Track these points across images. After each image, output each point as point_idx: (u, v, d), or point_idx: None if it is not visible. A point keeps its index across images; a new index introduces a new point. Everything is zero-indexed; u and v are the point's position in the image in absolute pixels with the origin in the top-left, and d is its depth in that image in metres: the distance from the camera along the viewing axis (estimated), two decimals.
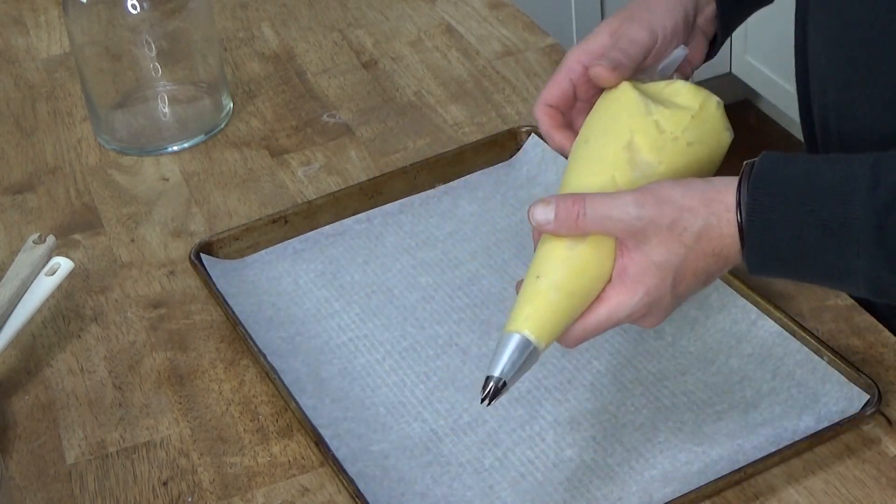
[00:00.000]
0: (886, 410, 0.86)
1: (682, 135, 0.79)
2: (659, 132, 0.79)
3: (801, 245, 0.73)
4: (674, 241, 0.74)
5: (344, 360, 0.94)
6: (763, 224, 0.73)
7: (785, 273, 0.76)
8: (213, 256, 1.03)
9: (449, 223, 1.07)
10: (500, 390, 0.75)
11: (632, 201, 0.74)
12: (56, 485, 0.87)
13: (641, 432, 0.86)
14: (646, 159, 0.78)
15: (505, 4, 1.39)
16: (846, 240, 0.72)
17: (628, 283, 0.75)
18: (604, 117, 0.82)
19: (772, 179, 0.74)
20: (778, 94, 2.53)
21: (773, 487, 0.82)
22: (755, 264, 0.75)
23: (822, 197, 0.72)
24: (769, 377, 0.88)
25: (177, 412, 0.92)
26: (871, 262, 0.72)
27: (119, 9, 1.17)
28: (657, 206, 0.74)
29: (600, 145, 0.80)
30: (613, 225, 0.75)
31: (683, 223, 0.74)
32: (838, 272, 0.73)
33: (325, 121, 1.23)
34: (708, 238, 0.74)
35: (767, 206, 0.73)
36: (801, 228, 0.72)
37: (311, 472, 0.86)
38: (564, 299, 0.75)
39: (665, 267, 0.75)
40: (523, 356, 0.75)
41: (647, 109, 0.80)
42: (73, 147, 1.23)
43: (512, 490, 0.83)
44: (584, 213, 0.75)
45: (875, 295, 0.75)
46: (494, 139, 1.13)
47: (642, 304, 0.75)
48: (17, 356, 0.98)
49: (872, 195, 0.71)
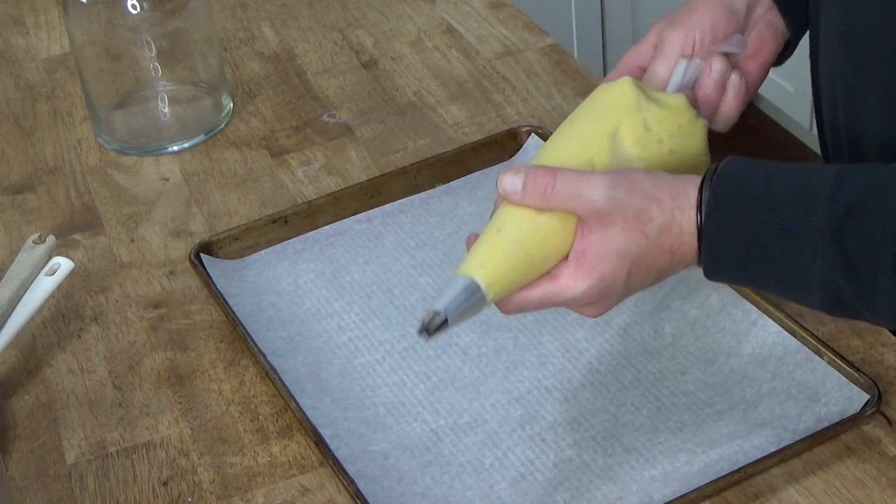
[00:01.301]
0: (886, 410, 0.86)
1: (667, 140, 0.79)
2: (646, 130, 0.79)
3: (758, 245, 0.72)
4: (637, 230, 0.73)
5: (344, 360, 0.94)
6: (722, 220, 0.73)
7: (739, 275, 0.75)
8: (213, 256, 1.03)
9: (449, 223, 1.07)
10: (440, 326, 0.72)
11: (603, 182, 0.73)
12: (56, 485, 0.87)
13: (641, 432, 0.86)
14: (628, 151, 0.78)
15: (505, 4, 1.39)
16: (804, 242, 0.71)
17: (584, 266, 0.74)
18: (596, 104, 0.82)
19: (734, 179, 0.74)
20: (778, 94, 2.53)
21: (773, 487, 0.82)
22: (710, 263, 0.74)
23: (784, 198, 0.72)
24: (769, 377, 0.88)
25: (177, 412, 0.92)
26: (826, 267, 0.71)
27: (119, 9, 1.17)
28: (629, 191, 0.73)
29: (586, 127, 0.80)
30: (581, 203, 0.73)
31: (650, 214, 0.73)
32: (794, 276, 0.73)
33: (325, 121, 1.23)
34: (668, 233, 0.74)
35: (728, 203, 0.73)
36: (760, 227, 0.72)
37: (311, 472, 0.86)
38: (522, 258, 0.74)
39: (624, 255, 0.74)
40: (470, 300, 0.73)
41: (639, 105, 0.80)
42: (73, 147, 1.23)
43: (512, 490, 0.83)
44: (553, 186, 0.73)
45: (828, 304, 0.74)
46: (494, 139, 1.13)
47: (594, 290, 0.74)
48: (17, 356, 0.98)
49: (834, 199, 0.71)
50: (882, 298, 0.71)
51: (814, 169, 0.74)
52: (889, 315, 0.74)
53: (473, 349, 0.94)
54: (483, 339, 0.95)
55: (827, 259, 0.71)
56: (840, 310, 0.74)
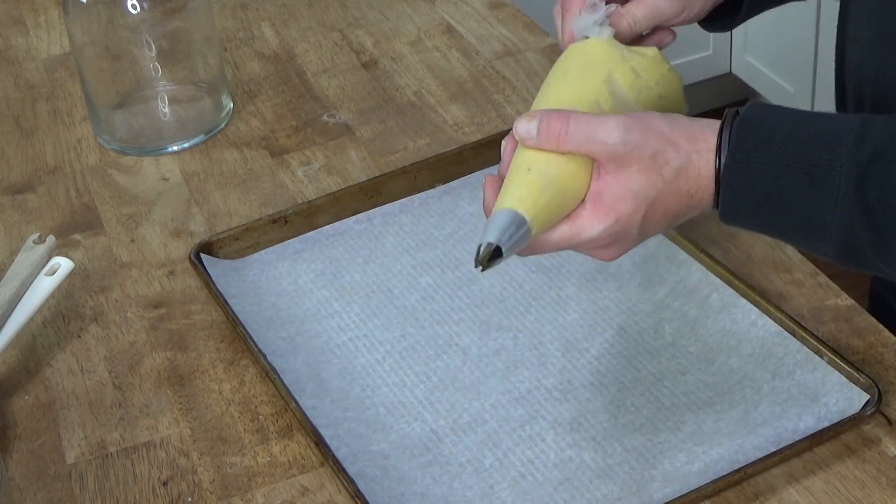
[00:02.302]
0: (886, 410, 0.86)
1: (655, 85, 0.79)
2: (636, 76, 0.79)
3: (779, 188, 0.72)
4: (654, 172, 0.73)
5: (344, 360, 0.94)
6: (744, 163, 0.72)
7: (757, 220, 0.75)
8: (213, 256, 1.03)
9: (449, 223, 1.07)
10: (494, 257, 0.71)
11: (618, 125, 0.73)
12: (56, 485, 0.87)
13: (641, 432, 0.86)
14: (625, 94, 0.78)
15: (505, 4, 1.39)
16: (826, 188, 0.71)
17: (602, 207, 0.73)
18: (579, 59, 0.81)
19: (758, 122, 0.73)
20: (778, 94, 2.53)
21: (773, 487, 0.82)
22: (728, 206, 0.74)
23: (809, 143, 0.72)
24: (769, 377, 0.88)
25: (177, 412, 0.92)
26: (846, 215, 0.70)
27: (119, 9, 1.17)
28: (644, 133, 0.73)
29: (579, 78, 0.80)
30: (596, 146, 0.73)
31: (666, 156, 0.73)
32: (812, 222, 0.72)
33: (325, 121, 1.23)
34: (686, 176, 0.73)
35: (751, 146, 0.72)
36: (783, 171, 0.71)
37: (311, 472, 0.86)
38: (557, 193, 0.74)
39: (640, 197, 0.73)
40: (519, 232, 0.72)
41: (623, 56, 0.80)
42: (73, 147, 1.23)
43: (512, 490, 0.83)
44: (567, 130, 0.73)
45: (843, 253, 0.73)
46: (494, 139, 1.13)
47: (610, 232, 0.74)
48: (17, 356, 0.98)
49: (859, 147, 0.70)
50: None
51: (838, 117, 0.73)
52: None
53: (473, 349, 0.94)
54: (483, 339, 0.95)
55: (848, 206, 0.70)
56: (854, 260, 0.74)
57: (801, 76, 2.41)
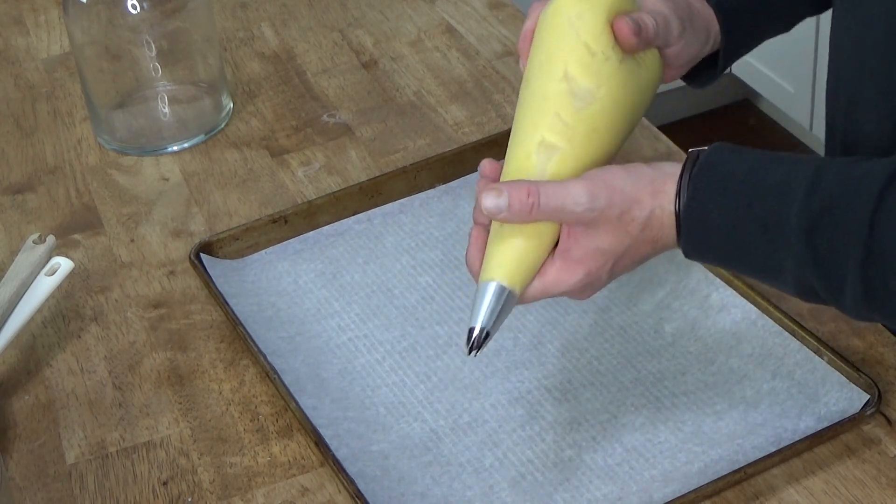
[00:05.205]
0: (886, 410, 0.86)
1: (612, 52, 0.79)
2: (591, 55, 0.79)
3: (735, 237, 0.75)
4: (621, 230, 0.76)
5: (344, 360, 0.94)
6: (701, 212, 0.75)
7: (717, 261, 0.78)
8: (213, 256, 1.03)
9: (449, 223, 1.07)
10: (483, 340, 0.75)
11: (584, 192, 0.75)
12: (56, 485, 0.87)
13: (641, 432, 0.86)
14: (584, 87, 0.78)
15: (505, 4, 1.39)
16: (779, 239, 0.73)
17: (570, 264, 0.76)
18: (540, 50, 0.82)
19: (715, 171, 0.75)
20: (778, 94, 2.53)
21: (773, 487, 0.82)
22: (689, 248, 0.77)
23: (763, 194, 0.74)
24: (769, 377, 0.89)
25: (177, 412, 0.92)
26: (799, 264, 0.73)
27: (119, 9, 1.17)
28: (609, 197, 0.75)
29: (540, 83, 0.80)
30: (566, 216, 0.75)
31: (632, 214, 0.76)
32: (769, 269, 0.75)
33: (325, 121, 1.23)
34: (650, 227, 0.76)
35: (707, 196, 0.75)
36: (738, 221, 0.74)
37: (311, 472, 0.86)
38: (533, 253, 0.76)
39: (608, 253, 0.76)
40: (500, 302, 0.75)
41: (576, 32, 0.80)
42: (73, 147, 1.23)
43: (512, 490, 0.83)
44: (538, 204, 0.75)
45: (802, 295, 0.76)
46: (494, 139, 1.13)
47: (581, 284, 0.77)
48: (17, 356, 0.98)
49: (809, 198, 0.72)
50: (850, 298, 0.73)
51: (794, 163, 0.75)
52: (858, 314, 0.76)
53: None
54: None
55: (799, 257, 0.73)
56: (814, 300, 0.76)
57: (801, 76, 2.41)
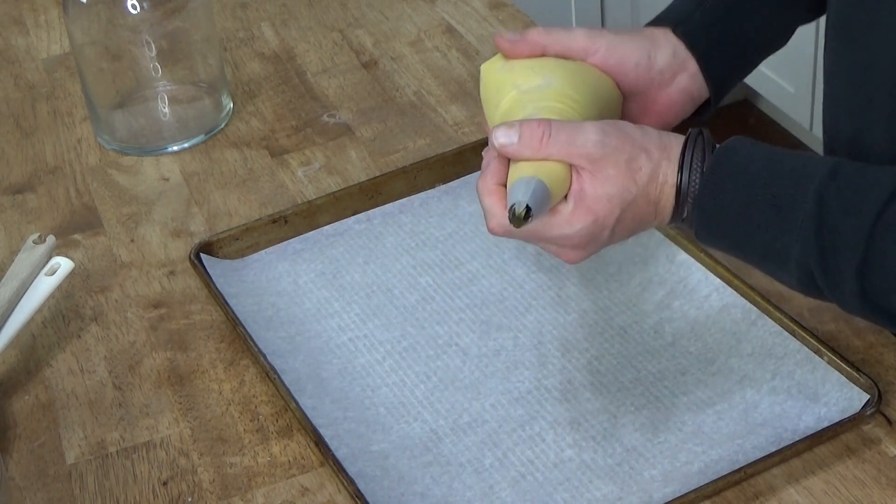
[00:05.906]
0: (886, 410, 0.86)
1: (544, 84, 0.83)
2: (520, 92, 0.84)
3: (748, 216, 0.75)
4: (629, 177, 0.76)
5: (344, 360, 0.94)
6: (717, 188, 0.75)
7: (725, 243, 0.78)
8: (213, 256, 1.03)
9: (449, 223, 1.07)
10: (527, 214, 0.73)
11: (596, 129, 0.76)
12: (56, 485, 0.87)
13: (641, 432, 0.86)
14: (531, 85, 0.83)
15: (505, 4, 1.39)
16: (790, 221, 0.74)
17: (582, 207, 0.76)
18: (487, 94, 0.88)
19: (736, 152, 0.76)
20: (778, 94, 2.53)
21: (773, 487, 0.82)
22: (699, 226, 0.77)
23: (781, 176, 0.75)
24: (769, 377, 0.88)
25: (177, 412, 0.92)
26: (804, 252, 0.73)
27: (119, 9, 1.17)
28: (620, 139, 0.76)
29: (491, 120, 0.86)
30: (576, 150, 0.75)
31: (640, 162, 0.76)
32: (775, 252, 0.75)
33: (325, 121, 1.23)
34: (655, 182, 0.77)
35: (726, 173, 0.76)
36: (752, 200, 0.75)
37: (311, 472, 0.86)
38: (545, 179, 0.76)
39: (616, 200, 0.76)
40: (541, 192, 0.74)
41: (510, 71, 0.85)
42: (73, 147, 1.23)
43: (512, 490, 0.83)
44: (549, 134, 0.75)
45: (803, 285, 0.76)
46: None
47: (586, 232, 0.77)
48: (17, 356, 0.98)
49: (824, 188, 0.73)
50: (847, 294, 0.74)
51: (814, 157, 0.76)
52: (854, 311, 0.76)
53: (473, 349, 0.94)
54: (483, 339, 0.95)
55: (806, 243, 0.73)
56: (814, 292, 0.77)
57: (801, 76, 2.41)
